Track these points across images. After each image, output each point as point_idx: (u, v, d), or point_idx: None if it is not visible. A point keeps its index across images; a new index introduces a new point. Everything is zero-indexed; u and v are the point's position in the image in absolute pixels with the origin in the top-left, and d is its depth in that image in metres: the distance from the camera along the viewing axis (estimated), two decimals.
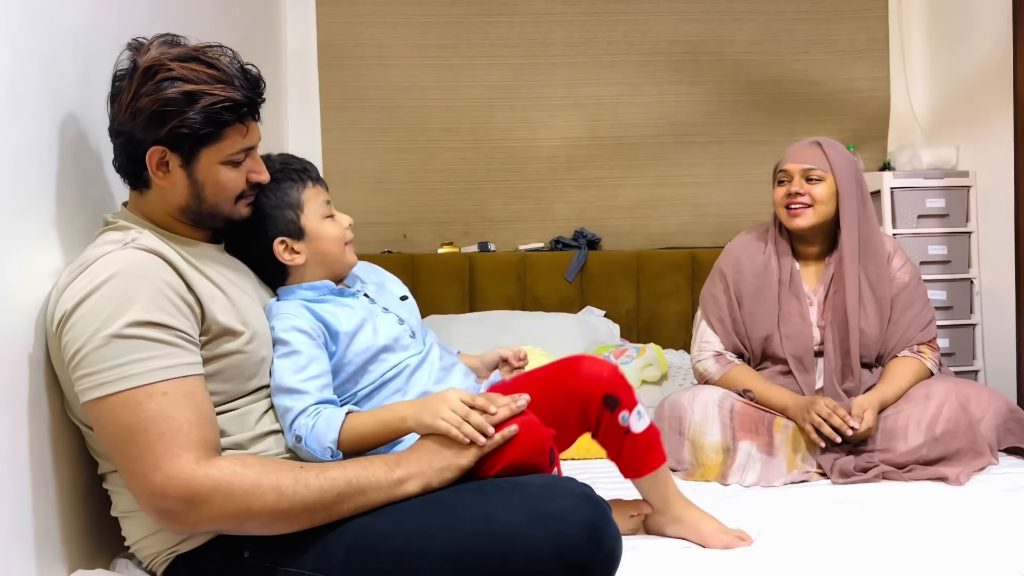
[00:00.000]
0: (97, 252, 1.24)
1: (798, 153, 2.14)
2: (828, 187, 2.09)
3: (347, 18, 3.28)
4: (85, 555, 1.35)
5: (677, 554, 1.51)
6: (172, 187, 1.32)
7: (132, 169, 1.32)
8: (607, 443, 1.56)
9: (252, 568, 1.24)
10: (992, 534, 1.54)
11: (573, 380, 1.53)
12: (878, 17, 3.42)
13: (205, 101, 1.26)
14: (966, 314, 3.08)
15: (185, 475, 1.14)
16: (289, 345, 1.39)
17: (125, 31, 1.42)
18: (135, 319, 1.17)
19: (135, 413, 1.15)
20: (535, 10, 3.32)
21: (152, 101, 1.25)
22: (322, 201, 1.51)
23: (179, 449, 1.15)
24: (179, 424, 1.16)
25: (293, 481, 1.19)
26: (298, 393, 1.35)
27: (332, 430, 1.31)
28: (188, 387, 1.20)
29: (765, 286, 2.15)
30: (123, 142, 1.31)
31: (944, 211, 3.07)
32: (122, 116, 1.28)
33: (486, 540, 1.16)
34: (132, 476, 1.17)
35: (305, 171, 1.52)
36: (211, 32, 1.42)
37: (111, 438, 1.17)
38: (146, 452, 1.15)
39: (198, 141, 1.29)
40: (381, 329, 1.51)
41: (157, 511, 1.17)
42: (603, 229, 3.33)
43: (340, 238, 1.53)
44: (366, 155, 3.29)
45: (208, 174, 1.32)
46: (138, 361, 1.17)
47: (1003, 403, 2.00)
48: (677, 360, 2.89)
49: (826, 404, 1.94)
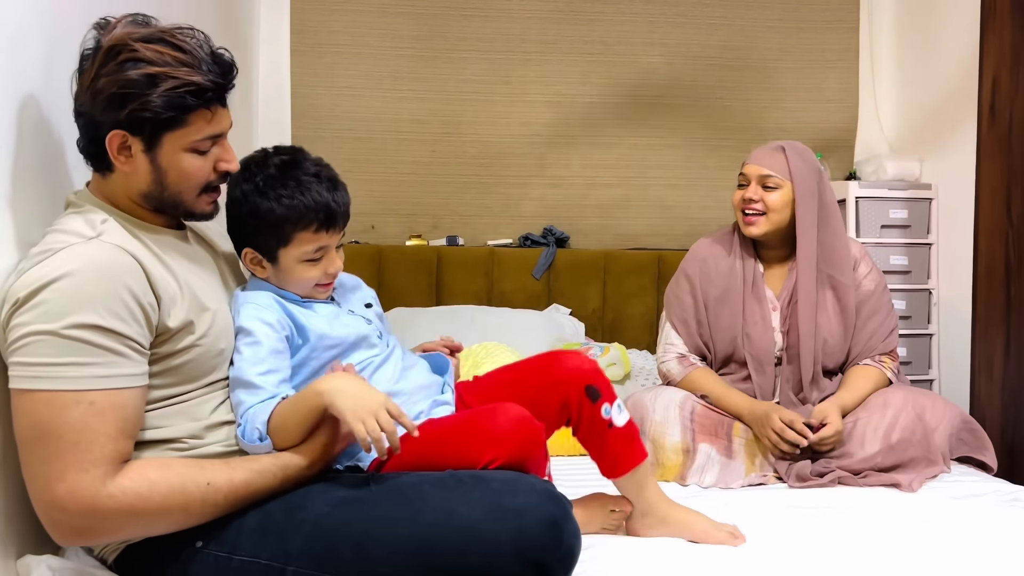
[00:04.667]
0: (62, 240, 1.20)
1: (760, 157, 2.11)
2: (784, 195, 2.07)
3: (322, 5, 3.24)
4: (34, 541, 1.31)
5: (650, 553, 1.51)
6: (134, 172, 1.28)
7: (93, 151, 1.29)
8: (589, 438, 1.56)
9: (206, 558, 1.22)
10: (940, 540, 1.58)
11: (554, 372, 1.54)
12: (849, 29, 3.46)
13: (167, 84, 1.22)
14: (924, 324, 3.14)
15: (88, 493, 1.13)
16: (252, 336, 1.36)
17: (94, 10, 1.38)
18: (85, 321, 1.14)
19: (55, 415, 1.13)
20: (512, 6, 3.32)
21: (112, 83, 1.21)
22: (315, 247, 1.41)
23: (88, 464, 1.13)
24: (96, 436, 1.14)
25: (200, 501, 1.20)
26: (254, 388, 1.32)
27: (264, 413, 1.29)
28: (120, 399, 1.17)
29: (730, 288, 2.15)
30: (84, 123, 1.28)
31: (906, 222, 3.13)
32: (83, 97, 1.25)
33: (446, 532, 1.16)
34: (34, 479, 1.14)
35: (318, 210, 1.39)
36: (183, 15, 1.38)
37: (24, 433, 1.15)
38: (54, 458, 1.12)
39: (159, 125, 1.24)
40: (349, 327, 1.49)
41: (52, 521, 1.15)
42: (572, 227, 3.34)
43: (310, 281, 1.45)
44: (336, 144, 3.25)
45: (172, 160, 1.28)
46: (75, 365, 1.14)
47: (957, 413, 2.04)
48: (640, 361, 2.91)
49: (780, 417, 1.94)
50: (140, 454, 1.23)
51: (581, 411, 1.53)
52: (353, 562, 1.17)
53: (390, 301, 3.02)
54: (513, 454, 1.31)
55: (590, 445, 1.57)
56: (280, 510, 1.24)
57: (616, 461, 1.56)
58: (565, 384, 1.52)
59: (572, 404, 1.53)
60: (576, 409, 1.53)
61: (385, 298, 2.99)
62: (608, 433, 1.53)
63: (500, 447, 1.31)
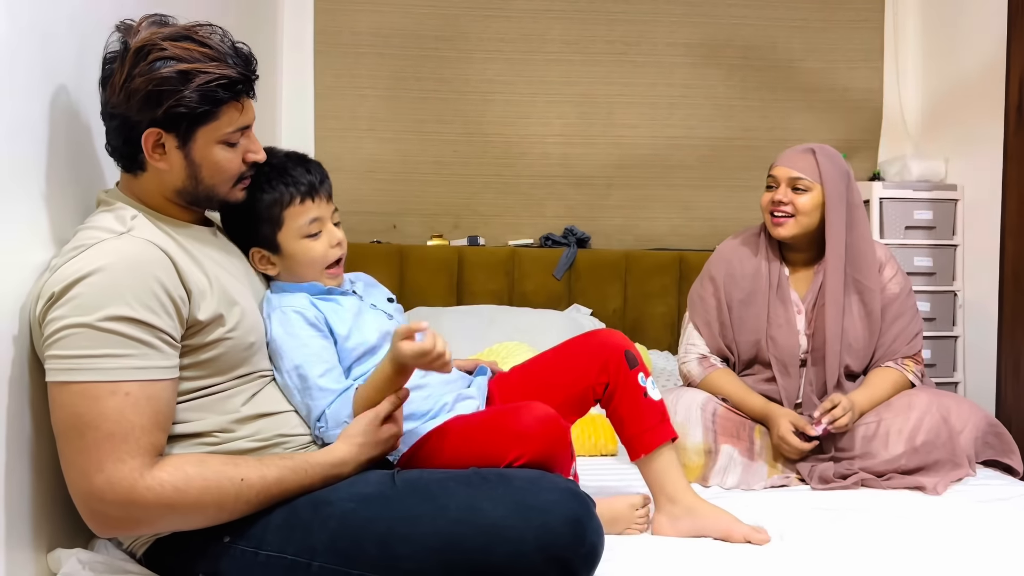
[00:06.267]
0: (94, 236, 1.23)
1: (790, 159, 2.09)
2: (814, 198, 2.05)
3: (345, 6, 3.26)
4: (65, 534, 1.34)
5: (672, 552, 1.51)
6: (169, 169, 1.30)
7: (127, 152, 1.31)
8: (622, 406, 1.59)
9: (233, 552, 1.24)
10: (965, 544, 1.56)
11: (594, 339, 1.64)
12: (874, 28, 3.44)
13: (200, 79, 1.25)
14: (949, 326, 3.11)
15: (127, 483, 1.14)
16: (300, 339, 1.40)
17: (121, 11, 1.40)
18: (118, 314, 1.16)
19: (92, 406, 1.15)
20: (534, 6, 3.32)
21: (147, 81, 1.24)
22: (307, 219, 1.45)
23: (125, 454, 1.15)
24: (132, 427, 1.15)
25: (234, 498, 1.21)
26: (320, 391, 1.37)
27: (345, 408, 1.37)
28: (153, 391, 1.19)
29: (755, 290, 2.14)
30: (117, 125, 1.29)
31: (931, 223, 3.10)
32: (116, 98, 1.27)
33: (470, 530, 1.17)
34: (72, 469, 1.17)
35: (296, 184, 1.45)
36: (207, 16, 1.41)
37: (61, 425, 1.17)
38: (92, 449, 1.14)
39: (194, 120, 1.27)
40: (371, 326, 1.51)
41: (89, 511, 1.17)
42: (593, 228, 3.34)
43: (320, 260, 1.48)
44: (358, 143, 3.28)
45: (205, 154, 1.31)
46: (110, 356, 1.16)
47: (983, 416, 2.02)
48: (661, 362, 2.90)
49: (787, 422, 1.96)
50: (171, 448, 1.25)
51: (618, 376, 1.58)
52: (377, 558, 1.18)
53: (411, 301, 3.03)
54: (538, 452, 1.32)
55: (622, 414, 1.60)
56: (306, 506, 1.25)
57: (645, 434, 1.58)
58: (605, 348, 1.59)
59: (611, 367, 1.58)
60: (613, 374, 1.58)
61: (406, 298, 3.00)
62: (642, 402, 1.57)
63: (525, 445, 1.32)
